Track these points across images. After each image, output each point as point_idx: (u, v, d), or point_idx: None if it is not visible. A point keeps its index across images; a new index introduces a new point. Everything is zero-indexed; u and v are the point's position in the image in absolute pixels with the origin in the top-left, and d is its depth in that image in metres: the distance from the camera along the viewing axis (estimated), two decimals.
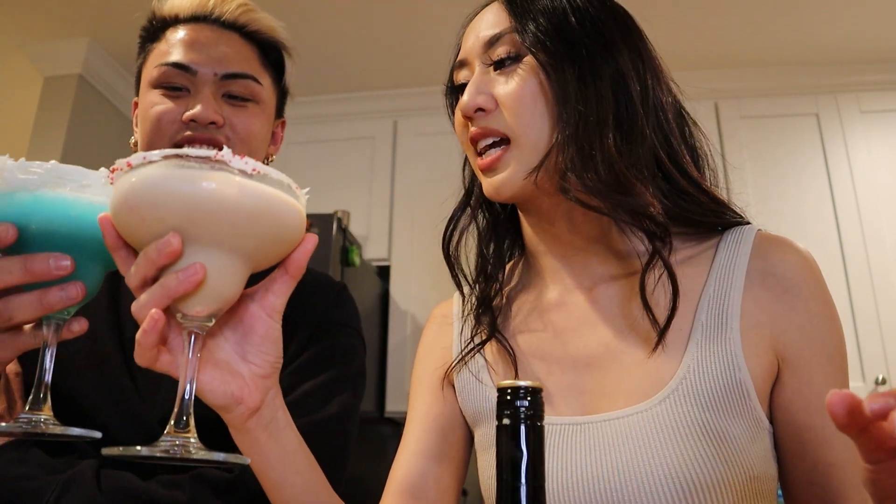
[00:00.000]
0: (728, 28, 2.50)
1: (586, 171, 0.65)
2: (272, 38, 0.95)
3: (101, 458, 0.72)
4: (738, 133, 2.62)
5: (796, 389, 0.65)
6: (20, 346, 0.57)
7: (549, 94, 0.68)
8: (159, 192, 0.45)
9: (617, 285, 0.72)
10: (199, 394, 0.52)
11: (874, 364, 2.27)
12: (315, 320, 0.88)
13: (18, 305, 0.52)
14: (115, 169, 0.48)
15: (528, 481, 0.39)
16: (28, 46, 2.61)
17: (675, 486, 0.60)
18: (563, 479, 0.64)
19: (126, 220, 0.48)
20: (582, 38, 0.70)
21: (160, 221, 0.46)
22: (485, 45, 0.72)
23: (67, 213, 0.51)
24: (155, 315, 0.47)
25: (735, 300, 0.66)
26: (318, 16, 2.49)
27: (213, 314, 0.50)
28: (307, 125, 2.91)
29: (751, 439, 0.63)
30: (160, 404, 0.77)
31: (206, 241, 0.46)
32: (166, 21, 0.92)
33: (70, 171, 0.52)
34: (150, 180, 0.45)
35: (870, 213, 2.44)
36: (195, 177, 0.45)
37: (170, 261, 0.47)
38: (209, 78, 0.86)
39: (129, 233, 0.49)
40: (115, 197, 0.47)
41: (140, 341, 0.49)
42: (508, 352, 0.74)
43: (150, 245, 0.46)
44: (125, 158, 0.47)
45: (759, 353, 0.65)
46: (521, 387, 0.40)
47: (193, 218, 0.45)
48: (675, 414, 0.63)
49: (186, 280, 0.46)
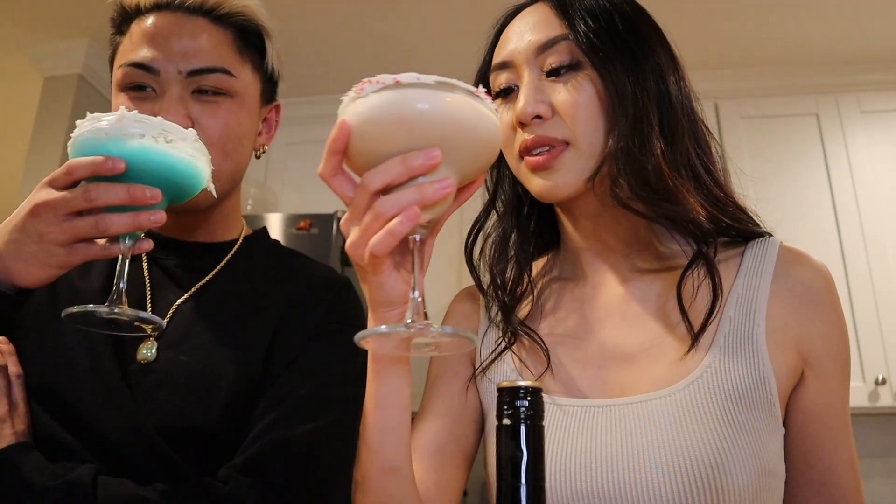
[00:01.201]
0: (728, 28, 2.50)
1: (636, 179, 0.67)
2: (246, 19, 0.87)
3: (100, 465, 0.72)
4: (738, 133, 2.62)
5: (819, 392, 0.68)
6: (90, 254, 0.67)
7: (605, 102, 0.69)
8: (436, 110, 0.51)
9: (654, 281, 0.74)
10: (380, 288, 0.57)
11: (874, 364, 2.27)
12: (317, 320, 0.85)
13: (115, 220, 0.63)
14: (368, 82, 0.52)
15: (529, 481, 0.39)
16: (28, 46, 2.61)
17: (695, 469, 0.61)
18: (584, 460, 0.65)
19: (386, 129, 0.51)
20: (628, 42, 0.71)
21: (423, 137, 0.51)
22: (537, 49, 0.71)
23: (160, 160, 0.64)
24: (417, 211, 0.50)
25: (762, 302, 0.69)
26: (317, 16, 2.49)
27: (430, 224, 0.55)
28: (307, 125, 2.91)
29: (769, 434, 0.65)
30: (152, 415, 0.75)
31: (452, 160, 0.52)
32: (129, 12, 0.86)
33: (170, 127, 0.65)
34: (429, 100, 0.51)
35: (870, 212, 2.44)
36: (465, 104, 0.52)
37: (428, 171, 0.51)
38: (174, 77, 0.81)
39: (380, 140, 0.52)
40: (381, 107, 0.51)
41: (393, 231, 0.51)
42: (540, 345, 0.74)
43: (412, 154, 0.50)
44: (389, 75, 0.52)
45: (783, 354, 0.68)
46: (521, 387, 0.40)
47: (454, 138, 0.52)
48: (699, 400, 0.64)
49: (442, 190, 0.51)
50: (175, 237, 0.91)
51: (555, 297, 0.79)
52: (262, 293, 0.87)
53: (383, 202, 0.51)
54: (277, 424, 0.76)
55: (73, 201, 0.63)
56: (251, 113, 0.88)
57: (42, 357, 0.79)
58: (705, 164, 0.73)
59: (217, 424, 0.76)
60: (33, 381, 0.78)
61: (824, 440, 0.68)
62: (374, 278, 0.56)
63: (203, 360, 0.80)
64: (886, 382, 2.24)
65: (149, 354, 0.80)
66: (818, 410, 0.68)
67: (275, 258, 0.96)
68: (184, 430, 0.75)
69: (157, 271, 0.89)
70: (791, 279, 0.70)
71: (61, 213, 0.64)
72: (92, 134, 0.64)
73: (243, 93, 0.86)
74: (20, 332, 0.81)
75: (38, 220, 0.64)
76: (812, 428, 0.68)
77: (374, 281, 0.57)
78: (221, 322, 0.84)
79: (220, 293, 0.88)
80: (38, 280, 0.67)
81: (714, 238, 0.69)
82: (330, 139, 0.53)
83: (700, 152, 0.73)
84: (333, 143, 0.53)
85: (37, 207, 0.64)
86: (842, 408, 0.70)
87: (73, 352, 0.79)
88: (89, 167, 0.62)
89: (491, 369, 0.77)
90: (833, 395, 0.69)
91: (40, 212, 0.64)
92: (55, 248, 0.65)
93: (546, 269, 0.83)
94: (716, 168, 0.74)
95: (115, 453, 0.74)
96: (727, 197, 0.73)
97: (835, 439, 0.68)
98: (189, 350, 0.80)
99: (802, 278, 0.71)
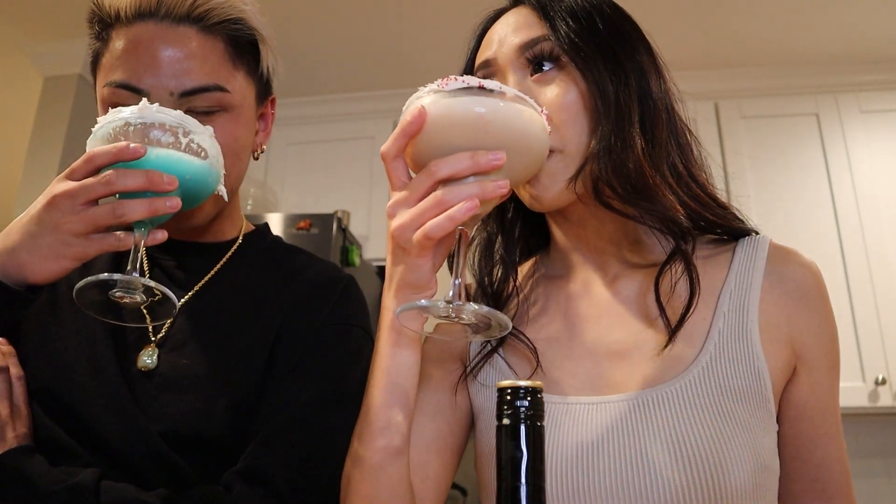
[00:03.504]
0: (728, 28, 2.50)
1: (619, 179, 0.67)
2: (239, 27, 0.81)
3: (102, 469, 0.71)
4: (738, 133, 2.62)
5: (811, 387, 0.69)
6: (106, 245, 0.66)
7: (588, 103, 0.69)
8: (511, 120, 0.57)
9: (639, 278, 0.74)
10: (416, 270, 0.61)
11: (874, 364, 2.27)
12: (321, 321, 0.84)
13: (132, 207, 0.63)
14: (454, 79, 0.58)
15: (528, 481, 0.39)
16: (28, 46, 2.61)
17: (695, 464, 0.61)
18: (580, 456, 0.65)
19: (463, 125, 0.57)
20: (610, 42, 0.71)
21: (494, 139, 0.57)
22: (519, 49, 0.71)
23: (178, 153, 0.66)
24: (477, 202, 0.55)
25: (754, 297, 0.70)
26: (317, 16, 2.49)
27: (476, 219, 0.61)
28: (307, 125, 2.91)
29: (764, 430, 0.66)
30: (156, 420, 0.75)
31: (511, 165, 0.58)
32: (108, 19, 0.79)
33: (189, 120, 0.67)
34: (510, 109, 0.58)
35: (870, 212, 2.44)
36: (534, 120, 0.59)
37: (492, 170, 0.57)
38: (164, 98, 0.75)
39: (454, 134, 0.57)
40: (465, 104, 0.57)
41: (454, 217, 0.55)
42: (527, 345, 0.74)
43: (481, 152, 0.56)
44: (474, 77, 0.57)
45: (777, 349, 0.68)
46: (521, 387, 0.40)
47: (516, 146, 0.58)
48: (695, 395, 0.65)
49: (499, 189, 0.56)
50: (175, 238, 0.90)
51: (543, 299, 0.80)
52: (264, 293, 0.87)
53: (449, 190, 0.56)
54: (281, 430, 0.75)
55: (91, 188, 0.63)
56: (248, 121, 0.85)
57: (43, 359, 0.79)
58: (686, 162, 0.73)
59: (220, 430, 0.75)
60: (34, 383, 0.77)
61: (816, 436, 0.69)
62: (415, 260, 0.60)
63: (205, 364, 0.79)
64: (886, 382, 2.24)
65: (149, 361, 0.79)
66: (810, 406, 0.69)
67: (276, 256, 0.94)
68: (187, 436, 0.75)
69: (158, 273, 0.88)
70: (782, 276, 0.71)
71: (80, 202, 0.63)
72: (112, 125, 0.65)
73: (239, 105, 0.82)
74: (20, 334, 0.81)
75: (55, 210, 0.64)
76: (804, 424, 0.69)
77: (414, 263, 0.61)
78: (223, 324, 0.83)
79: (221, 294, 0.87)
80: (51, 274, 0.66)
81: (692, 235, 0.70)
82: (405, 121, 0.57)
83: (680, 151, 0.73)
84: (409, 126, 0.57)
85: (55, 198, 0.64)
86: (832, 405, 0.71)
87: (73, 354, 0.79)
88: (111, 153, 0.63)
89: (482, 371, 0.77)
90: (824, 392, 0.70)
91: (58, 202, 0.64)
92: (72, 238, 0.64)
93: (533, 271, 0.84)
94: (696, 166, 0.74)
95: (117, 458, 0.73)
96: (708, 195, 0.73)
97: (826, 435, 0.69)
98: (191, 354, 0.80)
99: (793, 275, 0.71)
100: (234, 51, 0.82)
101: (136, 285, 0.64)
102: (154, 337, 0.82)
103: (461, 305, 0.57)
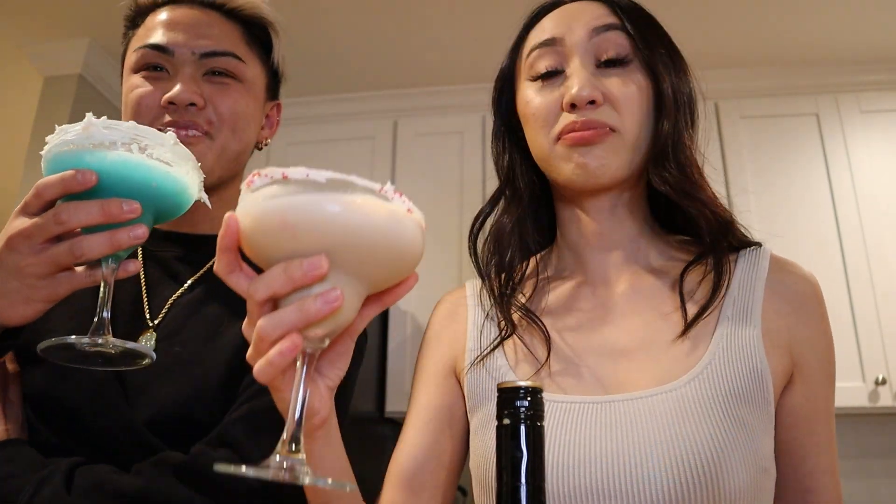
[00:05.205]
0: (728, 28, 2.50)
1: (676, 165, 0.72)
2: (255, 14, 0.93)
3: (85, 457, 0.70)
4: (738, 133, 2.62)
5: (806, 395, 0.70)
6: (76, 283, 0.62)
7: (650, 95, 0.74)
8: (326, 215, 0.44)
9: (654, 279, 0.76)
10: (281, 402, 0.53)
11: (874, 364, 2.27)
12: None
13: (91, 244, 0.58)
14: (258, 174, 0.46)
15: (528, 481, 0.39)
16: (28, 46, 2.61)
17: (696, 465, 0.61)
18: (583, 456, 0.65)
19: (270, 233, 0.46)
20: (664, 41, 0.76)
21: (309, 243, 0.45)
22: (592, 32, 0.74)
23: (137, 169, 0.58)
24: (297, 340, 0.45)
25: (757, 304, 0.71)
26: (318, 15, 2.49)
27: (329, 336, 0.49)
28: (307, 125, 2.91)
29: (764, 432, 0.66)
30: (146, 407, 0.75)
31: (348, 267, 0.46)
32: (146, 7, 0.91)
33: (145, 131, 0.59)
34: (317, 203, 0.44)
35: (870, 213, 2.44)
36: (358, 206, 0.45)
37: (314, 282, 0.45)
38: (188, 58, 0.85)
39: (266, 244, 0.46)
40: (265, 208, 0.45)
41: (273, 362, 0.46)
42: (542, 331, 0.74)
43: (295, 263, 0.44)
44: (279, 168, 0.45)
45: (778, 353, 0.69)
46: (522, 387, 0.40)
47: (349, 245, 0.45)
48: (699, 396, 0.65)
49: (327, 306, 0.45)
50: (174, 230, 0.90)
51: (552, 294, 0.80)
52: None
53: (263, 324, 0.46)
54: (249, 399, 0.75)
55: (45, 227, 0.58)
56: (257, 100, 0.92)
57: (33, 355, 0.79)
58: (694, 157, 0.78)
59: (209, 414, 0.76)
60: (24, 381, 0.77)
61: (808, 444, 0.70)
62: (274, 395, 0.53)
63: (198, 352, 0.79)
64: (886, 382, 2.24)
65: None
66: (804, 414, 0.70)
67: None
68: (177, 420, 0.75)
69: (153, 266, 0.88)
70: (783, 286, 0.73)
71: (37, 242, 0.59)
72: (59, 148, 0.58)
73: (251, 80, 0.90)
74: None
75: (14, 253, 0.59)
76: (797, 431, 0.70)
77: (276, 396, 0.54)
78: (217, 313, 0.83)
79: (216, 284, 0.86)
80: (25, 317, 0.63)
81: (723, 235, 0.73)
82: (219, 235, 0.48)
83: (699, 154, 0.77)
84: (221, 241, 0.47)
85: (11, 239, 0.59)
86: (826, 415, 0.71)
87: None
88: (58, 184, 0.57)
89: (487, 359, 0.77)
90: (818, 401, 0.71)
91: (15, 243, 0.59)
92: (37, 281, 0.60)
93: (541, 267, 0.84)
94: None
95: (108, 452, 0.73)
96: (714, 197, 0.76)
97: (818, 445, 0.70)
98: (183, 341, 0.80)
99: (794, 286, 0.73)
100: (250, 37, 0.92)
101: (106, 345, 0.59)
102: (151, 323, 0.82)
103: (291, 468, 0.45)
